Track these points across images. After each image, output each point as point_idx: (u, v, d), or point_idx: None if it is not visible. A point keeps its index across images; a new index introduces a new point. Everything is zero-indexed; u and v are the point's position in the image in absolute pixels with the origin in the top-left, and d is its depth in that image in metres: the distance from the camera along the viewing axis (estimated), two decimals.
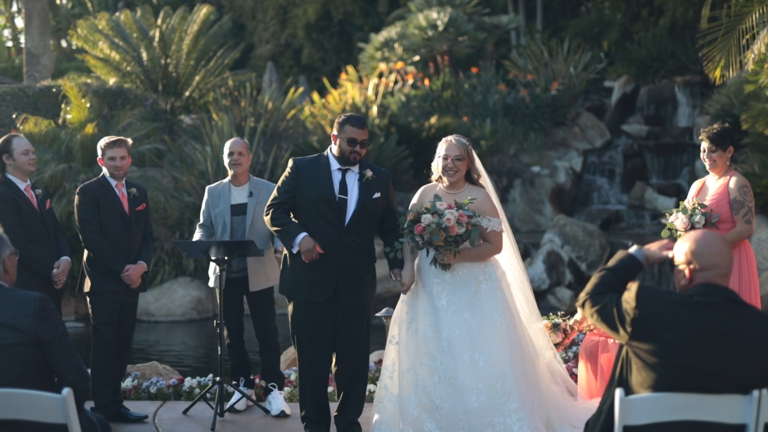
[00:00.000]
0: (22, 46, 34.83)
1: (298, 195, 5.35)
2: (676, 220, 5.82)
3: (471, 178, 5.50)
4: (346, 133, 5.34)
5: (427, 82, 18.62)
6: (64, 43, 33.01)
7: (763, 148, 13.98)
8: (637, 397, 3.25)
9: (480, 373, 5.14)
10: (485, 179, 5.60)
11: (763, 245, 12.53)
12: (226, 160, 6.49)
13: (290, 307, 5.47)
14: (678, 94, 19.12)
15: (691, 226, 5.72)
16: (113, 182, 6.05)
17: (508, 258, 5.65)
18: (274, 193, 5.42)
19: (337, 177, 5.36)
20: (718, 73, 9.51)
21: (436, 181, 5.54)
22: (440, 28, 19.61)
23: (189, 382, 6.79)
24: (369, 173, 5.39)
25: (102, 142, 6.10)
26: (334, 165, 5.39)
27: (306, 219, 5.33)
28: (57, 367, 3.62)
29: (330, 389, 6.50)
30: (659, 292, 3.35)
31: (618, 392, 3.24)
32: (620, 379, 3.39)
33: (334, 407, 5.62)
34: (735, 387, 3.21)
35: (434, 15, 19.80)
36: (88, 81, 15.86)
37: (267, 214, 5.39)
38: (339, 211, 5.30)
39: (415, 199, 5.52)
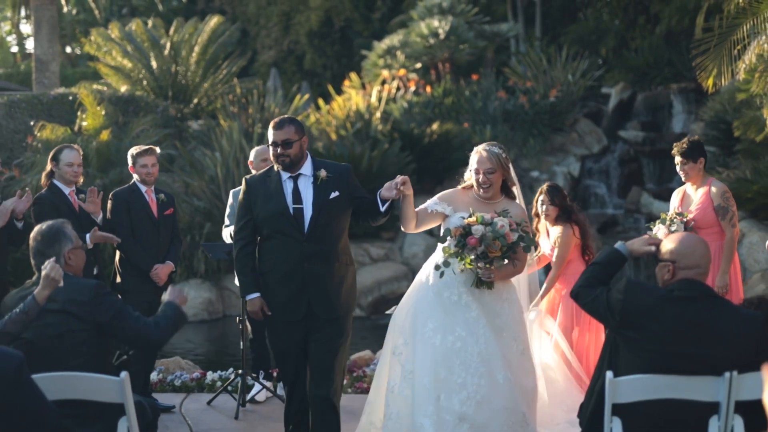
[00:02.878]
0: (27, 51, 35.37)
1: (255, 214, 5.03)
2: (659, 231, 6.26)
3: (507, 188, 5.24)
4: (269, 137, 5.02)
5: (428, 88, 18.94)
6: (68, 49, 33.44)
7: (755, 154, 14.32)
8: (625, 378, 3.71)
9: (512, 394, 4.80)
10: (517, 189, 5.33)
11: (754, 248, 12.90)
12: (255, 165, 6.74)
13: (267, 327, 5.25)
14: (673, 100, 19.44)
15: (670, 233, 6.18)
16: (143, 188, 6.53)
17: (520, 277, 5.37)
18: (237, 217, 5.18)
19: (288, 186, 5.01)
20: (710, 81, 9.86)
21: (465, 189, 5.24)
22: (441, 36, 20.03)
23: (211, 375, 7.26)
24: (323, 173, 5.00)
25: (133, 151, 6.58)
26: (284, 174, 5.03)
27: (267, 235, 5.02)
28: (122, 340, 4.12)
29: None
30: (645, 287, 3.82)
31: (608, 374, 3.70)
32: (609, 362, 3.85)
33: None
34: (710, 369, 3.67)
35: (436, 23, 20.22)
36: (102, 89, 16.31)
37: (235, 247, 5.11)
38: (296, 221, 4.94)
39: (441, 194, 5.23)
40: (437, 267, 4.97)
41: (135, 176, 6.59)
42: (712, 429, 3.70)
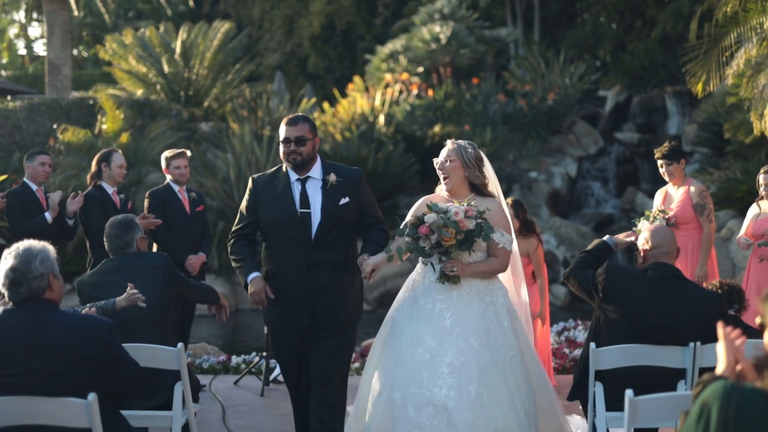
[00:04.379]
0: (35, 54, 35.94)
1: (259, 215, 4.86)
2: (643, 227, 6.92)
3: (476, 186, 4.86)
4: (281, 134, 4.82)
5: (430, 92, 19.55)
6: (75, 52, 34.01)
7: (745, 156, 14.86)
8: (605, 348, 4.37)
9: (483, 408, 4.45)
10: (495, 188, 4.96)
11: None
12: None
13: (271, 334, 5.05)
14: (668, 103, 19.96)
15: None
16: (176, 187, 7.17)
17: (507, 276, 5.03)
18: (238, 217, 5.01)
19: (296, 189, 4.79)
20: (700, 87, 10.42)
21: (438, 194, 4.98)
22: (443, 42, 20.64)
23: (235, 359, 7.92)
24: (332, 178, 4.78)
25: (167, 155, 7.22)
26: (293, 176, 4.84)
27: (272, 239, 4.84)
28: (187, 291, 5.01)
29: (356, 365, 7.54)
30: (623, 269, 4.50)
31: (591, 345, 4.34)
32: (594, 335, 4.50)
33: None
34: (677, 340, 4.31)
35: (437, 29, 20.83)
36: (118, 93, 16.97)
37: (229, 242, 5.00)
38: (303, 226, 4.73)
39: (412, 211, 4.89)
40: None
41: (168, 177, 7.24)
42: (680, 391, 4.35)
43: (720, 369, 2.44)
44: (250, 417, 6.39)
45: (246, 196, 4.95)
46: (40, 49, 37.06)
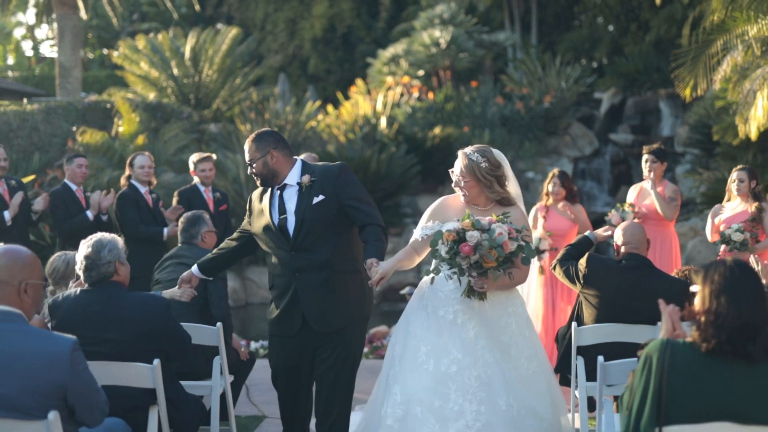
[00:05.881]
0: (42, 56, 36.57)
1: (252, 229, 4.94)
2: (612, 217, 7.59)
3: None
4: None
5: (431, 95, 20.05)
6: (80, 53, 34.57)
7: (733, 157, 15.42)
8: (586, 327, 5.06)
9: (515, 422, 4.42)
10: (514, 187, 4.89)
11: None
12: None
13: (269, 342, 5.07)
14: (662, 105, 20.49)
15: (622, 219, 7.52)
16: (202, 188, 7.85)
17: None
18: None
19: (276, 198, 4.80)
20: (688, 91, 11.03)
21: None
22: (443, 46, 21.25)
23: (254, 344, 8.57)
24: (305, 179, 4.73)
25: (194, 158, 7.89)
26: (275, 186, 4.87)
27: (266, 250, 4.88)
28: (210, 300, 5.44)
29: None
30: (601, 259, 5.20)
31: (574, 324, 5.03)
32: (576, 315, 5.20)
33: None
34: (647, 320, 4.98)
35: (437, 33, 21.45)
36: (131, 96, 17.63)
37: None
38: (281, 232, 4.73)
39: (430, 211, 4.89)
40: (427, 272, 4.59)
41: (195, 178, 7.92)
42: None
43: (661, 335, 3.19)
44: (271, 394, 7.02)
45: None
46: (46, 50, 37.75)
